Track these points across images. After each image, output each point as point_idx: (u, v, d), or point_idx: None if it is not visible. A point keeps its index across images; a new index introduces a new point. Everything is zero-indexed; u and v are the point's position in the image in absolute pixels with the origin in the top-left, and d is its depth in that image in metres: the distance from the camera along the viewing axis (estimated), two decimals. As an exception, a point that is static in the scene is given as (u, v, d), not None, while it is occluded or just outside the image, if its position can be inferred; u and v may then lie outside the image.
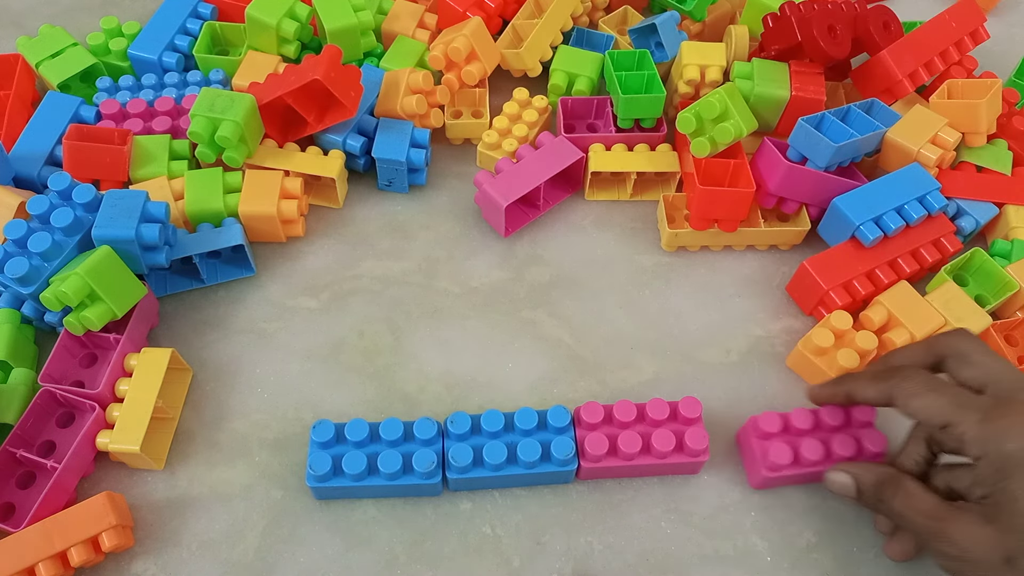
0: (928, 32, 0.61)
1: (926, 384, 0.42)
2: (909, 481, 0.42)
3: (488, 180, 0.57)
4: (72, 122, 0.59)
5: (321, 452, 0.46)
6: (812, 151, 0.56)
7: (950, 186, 0.58)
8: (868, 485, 0.44)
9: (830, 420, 0.48)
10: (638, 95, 0.59)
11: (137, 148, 0.57)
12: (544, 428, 0.48)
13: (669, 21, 0.64)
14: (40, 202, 0.49)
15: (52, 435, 0.49)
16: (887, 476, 0.43)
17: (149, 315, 0.54)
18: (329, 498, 0.48)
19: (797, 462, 0.47)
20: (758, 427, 0.48)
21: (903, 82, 0.60)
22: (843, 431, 0.48)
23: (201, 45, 0.65)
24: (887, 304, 0.53)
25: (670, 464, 0.48)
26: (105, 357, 0.52)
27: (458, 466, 0.46)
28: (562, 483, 0.49)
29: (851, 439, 0.48)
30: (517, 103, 0.64)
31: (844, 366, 0.51)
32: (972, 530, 0.38)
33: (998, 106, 0.60)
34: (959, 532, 0.39)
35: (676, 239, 0.59)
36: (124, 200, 0.50)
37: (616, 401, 0.48)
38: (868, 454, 0.47)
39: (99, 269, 0.47)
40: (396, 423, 0.47)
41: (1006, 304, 0.55)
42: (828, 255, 0.55)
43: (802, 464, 0.47)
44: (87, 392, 0.48)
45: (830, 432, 0.48)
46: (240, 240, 0.54)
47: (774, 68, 0.61)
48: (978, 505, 0.39)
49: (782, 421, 0.48)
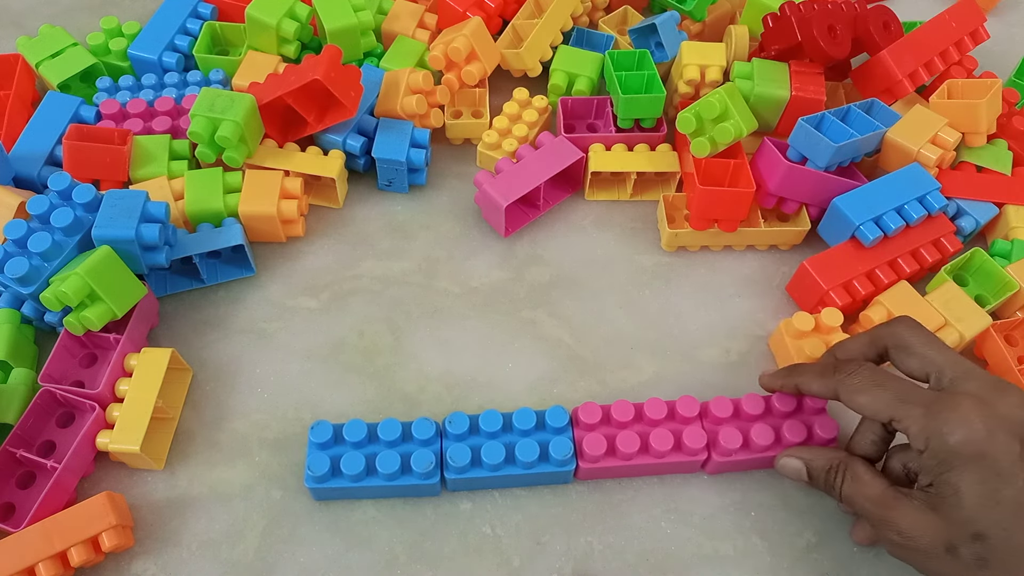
0: (928, 32, 0.61)
1: (870, 379, 0.42)
2: (859, 466, 0.43)
3: (488, 180, 0.57)
4: (72, 122, 0.59)
5: (319, 453, 0.46)
6: (812, 151, 0.56)
7: (950, 186, 0.58)
8: (818, 470, 0.45)
9: (781, 406, 0.48)
10: (638, 95, 0.59)
11: (137, 148, 0.57)
12: (542, 428, 0.48)
13: (669, 21, 0.64)
14: (40, 202, 0.49)
15: (52, 435, 0.49)
16: (837, 461, 0.44)
17: (149, 315, 0.54)
18: (328, 499, 0.48)
19: (747, 447, 0.48)
20: (709, 412, 0.48)
21: (903, 82, 0.60)
22: (794, 416, 0.49)
23: (201, 45, 0.65)
24: (887, 304, 0.53)
25: (669, 463, 0.48)
26: (105, 357, 0.52)
27: (456, 466, 0.46)
28: (561, 483, 0.49)
29: (801, 425, 0.48)
30: (517, 103, 0.64)
31: (809, 355, 0.51)
32: (916, 518, 0.39)
33: (998, 106, 0.60)
34: (904, 520, 0.40)
35: (676, 239, 0.59)
36: (124, 200, 0.50)
37: (615, 401, 0.48)
38: (819, 440, 0.48)
39: (99, 269, 0.47)
40: (394, 423, 0.47)
41: (1006, 304, 0.55)
42: (828, 255, 0.55)
43: (752, 449, 0.48)
44: (87, 392, 0.48)
45: (782, 418, 0.49)
46: (240, 240, 0.54)
47: (774, 68, 0.61)
48: (923, 493, 0.40)
49: (733, 406, 0.49)
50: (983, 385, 0.40)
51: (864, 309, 0.54)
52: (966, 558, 0.38)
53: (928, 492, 0.40)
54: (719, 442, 0.47)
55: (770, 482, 0.50)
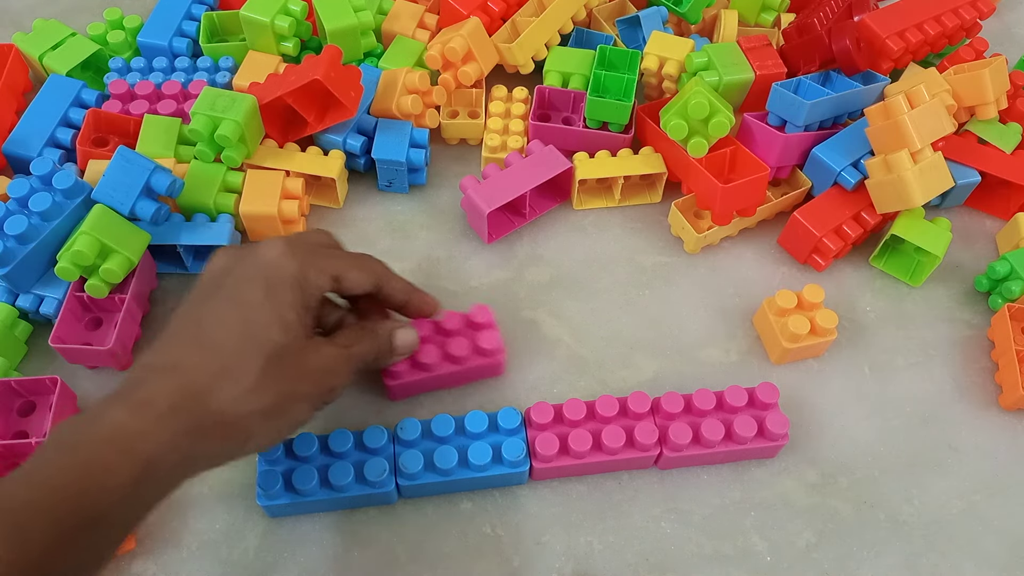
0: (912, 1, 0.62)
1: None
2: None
3: (473, 185, 0.57)
4: (74, 105, 0.60)
5: (270, 469, 0.46)
6: (789, 112, 0.57)
7: (946, 148, 0.58)
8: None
9: (732, 401, 0.49)
10: (604, 99, 0.59)
11: (146, 127, 0.58)
12: (495, 430, 0.48)
13: (654, 15, 0.65)
14: (20, 185, 0.50)
15: (19, 425, 0.49)
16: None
17: (149, 276, 0.55)
18: (283, 515, 0.47)
19: (697, 442, 0.48)
20: (660, 408, 0.49)
21: (887, 42, 0.60)
22: (745, 411, 0.49)
23: (202, 36, 0.65)
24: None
25: (622, 460, 0.48)
26: (111, 319, 0.52)
27: (408, 473, 0.46)
28: (516, 484, 0.49)
29: (752, 420, 0.48)
30: (500, 100, 0.64)
31: (794, 332, 0.52)
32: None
33: (1005, 81, 0.60)
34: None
35: (703, 240, 0.59)
36: (132, 164, 0.51)
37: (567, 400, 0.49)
38: (770, 435, 0.48)
39: (101, 224, 0.49)
40: (346, 434, 0.47)
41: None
42: (816, 203, 0.57)
43: (703, 444, 0.48)
44: (99, 350, 0.50)
45: (733, 413, 0.49)
46: (225, 241, 0.54)
47: (727, 51, 0.61)
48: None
49: (684, 402, 0.49)
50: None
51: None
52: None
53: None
54: (670, 438, 0.47)
55: (770, 482, 0.50)
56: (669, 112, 0.57)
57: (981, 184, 0.60)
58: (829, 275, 0.59)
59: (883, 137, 0.54)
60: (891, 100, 0.53)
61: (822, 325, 0.52)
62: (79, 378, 0.52)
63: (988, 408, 0.53)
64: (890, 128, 0.53)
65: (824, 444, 0.51)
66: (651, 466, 0.49)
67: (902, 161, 0.52)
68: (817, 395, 0.53)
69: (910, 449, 0.51)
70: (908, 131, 0.52)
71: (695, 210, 0.60)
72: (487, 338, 0.50)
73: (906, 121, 0.52)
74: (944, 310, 0.58)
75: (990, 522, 0.49)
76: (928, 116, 0.52)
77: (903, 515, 0.49)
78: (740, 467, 0.50)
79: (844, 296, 0.58)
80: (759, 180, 0.56)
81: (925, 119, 0.52)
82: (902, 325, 0.57)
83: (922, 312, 0.57)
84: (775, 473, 0.50)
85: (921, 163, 0.53)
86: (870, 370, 0.55)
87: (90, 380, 0.52)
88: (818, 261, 0.58)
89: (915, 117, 0.52)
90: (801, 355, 0.54)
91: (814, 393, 0.53)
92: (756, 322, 0.56)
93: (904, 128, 0.52)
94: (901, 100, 0.52)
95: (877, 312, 0.57)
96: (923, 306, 0.58)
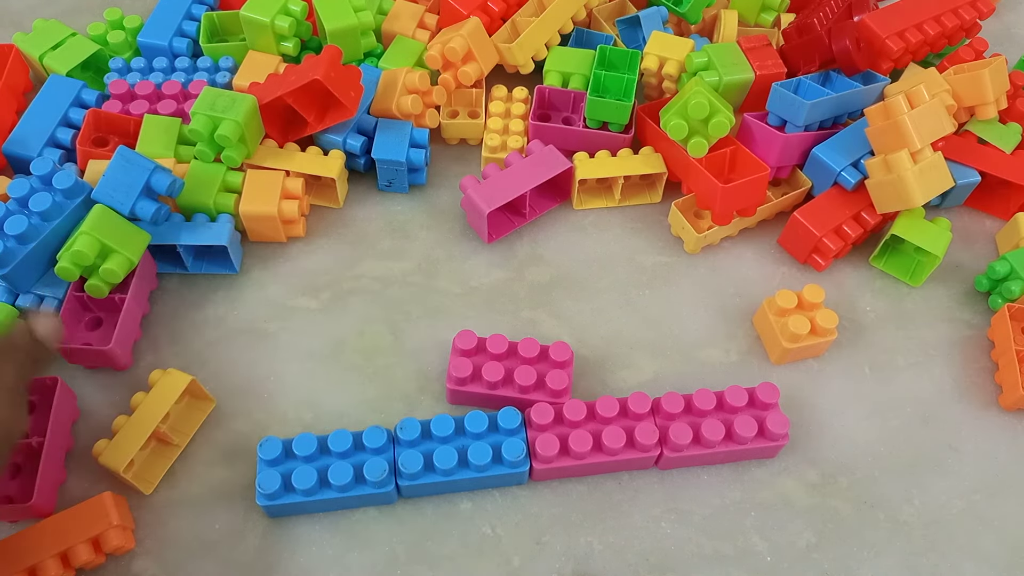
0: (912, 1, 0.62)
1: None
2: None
3: (473, 185, 0.57)
4: (74, 105, 0.61)
5: (270, 470, 0.46)
6: (789, 112, 0.57)
7: (946, 148, 0.58)
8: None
9: (732, 401, 0.49)
10: (605, 99, 0.59)
11: (146, 127, 0.58)
12: (495, 431, 0.48)
13: (654, 15, 0.65)
14: (20, 185, 0.50)
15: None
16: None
17: (149, 276, 0.55)
18: (283, 515, 0.48)
19: (698, 442, 0.48)
20: (660, 408, 0.49)
21: (887, 42, 0.60)
22: (746, 411, 0.49)
23: (202, 36, 0.65)
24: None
25: (623, 461, 0.48)
26: (111, 319, 0.52)
27: (408, 473, 0.46)
28: (516, 484, 0.49)
29: (752, 420, 0.48)
30: (500, 100, 0.64)
31: (794, 332, 0.51)
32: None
33: (1005, 81, 0.60)
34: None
35: (703, 240, 0.59)
36: (132, 164, 0.51)
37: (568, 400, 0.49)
38: (770, 435, 0.48)
39: (101, 224, 0.50)
40: (345, 434, 0.47)
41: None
42: (816, 203, 0.57)
43: (704, 445, 0.48)
44: (99, 350, 0.50)
45: (733, 413, 0.49)
46: (225, 242, 0.54)
47: (727, 51, 0.61)
48: None
49: (684, 402, 0.49)
50: None
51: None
52: None
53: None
54: (670, 438, 0.47)
55: (770, 482, 0.50)
56: (669, 112, 0.57)
57: (981, 184, 0.60)
58: (829, 275, 0.59)
59: (883, 137, 0.54)
60: (891, 100, 0.53)
61: (822, 325, 0.52)
62: (79, 378, 0.52)
63: (988, 408, 0.53)
64: (890, 128, 0.53)
65: (824, 444, 0.51)
66: (651, 466, 0.49)
67: (902, 161, 0.52)
68: (817, 395, 0.53)
69: (910, 449, 0.51)
70: (908, 131, 0.52)
71: (695, 210, 0.60)
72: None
73: (906, 121, 0.52)
74: (944, 310, 0.58)
75: (990, 522, 0.49)
76: (928, 116, 0.53)
77: (903, 515, 0.49)
78: (740, 467, 0.50)
79: (844, 296, 0.58)
80: (759, 180, 0.56)
81: (925, 119, 0.52)
82: (902, 325, 0.57)
83: (922, 312, 0.57)
84: (775, 473, 0.50)
85: (921, 163, 0.53)
86: (870, 370, 0.55)
87: (90, 380, 0.52)
88: (818, 261, 0.58)
89: (915, 117, 0.52)
90: (801, 355, 0.54)
91: (814, 393, 0.53)
92: (756, 322, 0.56)
93: (904, 128, 0.52)
94: (901, 100, 0.52)
95: (877, 312, 0.57)
96: (923, 306, 0.58)
